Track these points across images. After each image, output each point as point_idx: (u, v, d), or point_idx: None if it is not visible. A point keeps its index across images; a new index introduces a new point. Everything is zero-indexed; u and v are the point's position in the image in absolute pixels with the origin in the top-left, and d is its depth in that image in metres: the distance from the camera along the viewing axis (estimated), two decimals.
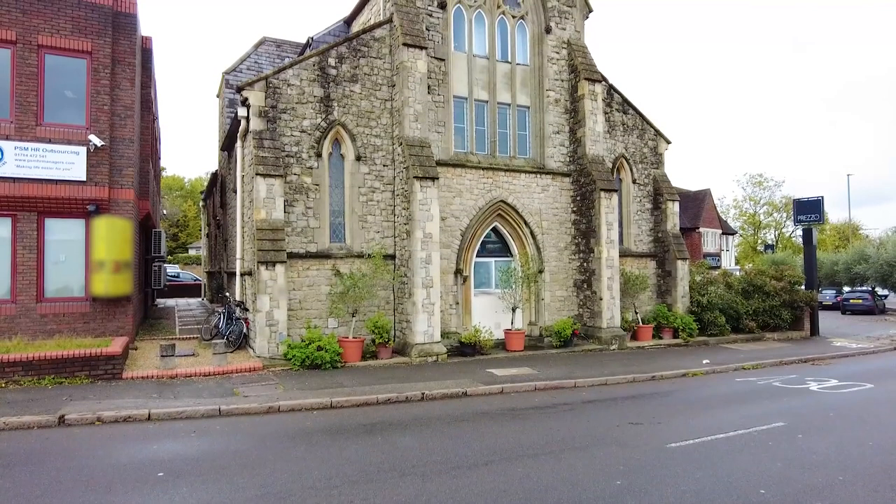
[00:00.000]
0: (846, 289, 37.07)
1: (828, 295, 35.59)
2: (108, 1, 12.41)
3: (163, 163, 33.09)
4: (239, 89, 13.29)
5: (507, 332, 15.23)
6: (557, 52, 17.00)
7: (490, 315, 15.82)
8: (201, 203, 34.29)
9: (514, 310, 15.62)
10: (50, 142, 11.73)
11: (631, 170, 18.61)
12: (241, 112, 13.21)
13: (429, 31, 14.97)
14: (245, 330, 13.77)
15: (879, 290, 35.76)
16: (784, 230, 64.65)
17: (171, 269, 34.03)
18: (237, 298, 14.56)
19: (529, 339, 15.84)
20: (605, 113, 17.96)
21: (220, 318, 14.49)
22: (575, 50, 16.96)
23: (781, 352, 16.21)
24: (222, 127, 23.04)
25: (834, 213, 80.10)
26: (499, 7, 16.39)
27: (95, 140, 11.95)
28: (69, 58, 12.11)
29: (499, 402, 9.88)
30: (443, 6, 15.20)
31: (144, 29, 21.31)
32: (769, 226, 66.38)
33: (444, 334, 14.40)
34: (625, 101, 18.70)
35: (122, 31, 12.71)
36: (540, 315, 16.46)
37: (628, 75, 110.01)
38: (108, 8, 12.40)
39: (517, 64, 16.69)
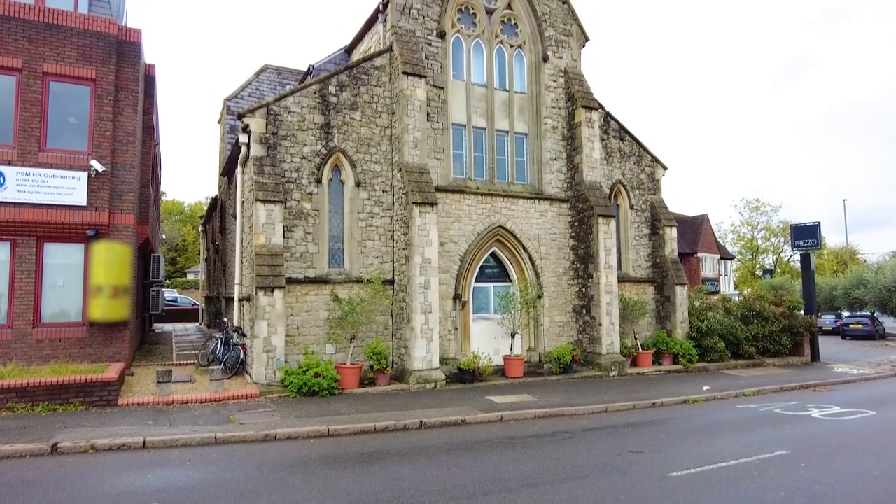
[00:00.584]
0: (846, 314, 37.01)
1: (827, 320, 35.52)
2: (113, 30, 12.64)
3: (163, 187, 33.26)
4: (240, 116, 13.45)
5: (506, 358, 15.13)
6: (555, 81, 17.27)
7: (489, 341, 15.74)
8: (201, 228, 34.38)
9: (513, 335, 15.54)
10: (52, 167, 11.82)
11: (628, 196, 18.73)
12: (242, 138, 13.34)
13: (428, 59, 15.23)
14: (242, 356, 13.67)
15: (878, 315, 35.74)
16: (782, 255, 64.80)
17: (169, 293, 33.93)
18: (235, 324, 14.48)
19: (529, 365, 15.73)
20: (602, 140, 18.17)
21: (217, 344, 14.39)
22: (572, 78, 17.24)
23: (782, 378, 16.11)
24: (223, 152, 23.23)
25: (831, 238, 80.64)
26: (497, 36, 16.71)
27: (97, 165, 12.04)
28: (73, 85, 12.28)
29: (498, 430, 9.78)
30: (442, 35, 15.49)
31: (148, 56, 21.65)
32: (767, 250, 66.53)
33: (443, 360, 14.30)
34: (621, 127, 18.93)
35: (126, 59, 12.91)
36: (539, 341, 16.38)
37: (625, 102, 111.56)
38: (113, 37, 12.62)
39: (515, 92, 16.94)
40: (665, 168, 19.52)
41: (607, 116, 18.62)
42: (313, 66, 18.50)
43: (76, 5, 13.16)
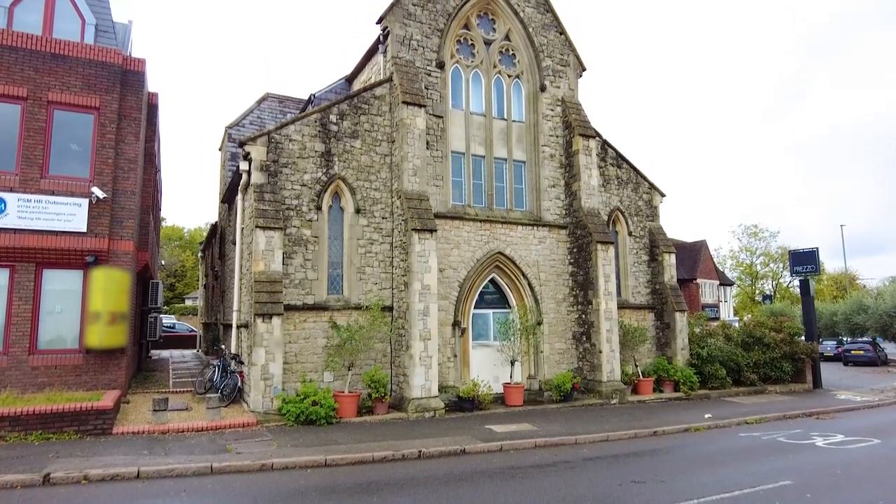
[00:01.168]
0: (847, 339, 36.83)
1: (828, 346, 35.32)
2: (118, 60, 12.85)
3: (163, 213, 33.41)
4: (241, 144, 13.58)
5: (506, 386, 14.99)
6: (552, 109, 17.51)
7: (489, 368, 15.61)
8: (200, 254, 34.41)
9: (512, 363, 15.42)
10: (53, 194, 11.88)
11: (626, 222, 18.82)
12: (243, 166, 13.46)
13: (427, 89, 15.46)
14: (240, 383, 13.55)
15: (880, 341, 35.55)
16: (782, 280, 64.80)
17: (167, 319, 33.76)
18: (233, 351, 14.39)
19: (529, 392, 15.58)
20: (600, 167, 18.33)
21: (214, 371, 14.28)
22: (569, 107, 17.49)
23: (784, 405, 15.95)
24: (223, 179, 23.40)
25: (829, 264, 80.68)
26: (495, 67, 17.01)
27: (98, 192, 12.10)
28: (77, 113, 12.42)
29: (498, 459, 9.63)
30: (441, 66, 15.76)
31: (151, 85, 22.01)
32: (766, 276, 66.55)
33: (442, 388, 14.16)
34: (619, 155, 19.12)
35: (130, 88, 13.09)
36: (539, 368, 16.26)
37: (621, 130, 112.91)
38: (118, 66, 12.82)
39: (513, 121, 17.16)
40: (662, 195, 19.66)
41: (604, 144, 18.82)
42: (314, 94, 18.77)
43: (83, 36, 13.40)
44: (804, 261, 23.21)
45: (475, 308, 15.91)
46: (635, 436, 11.68)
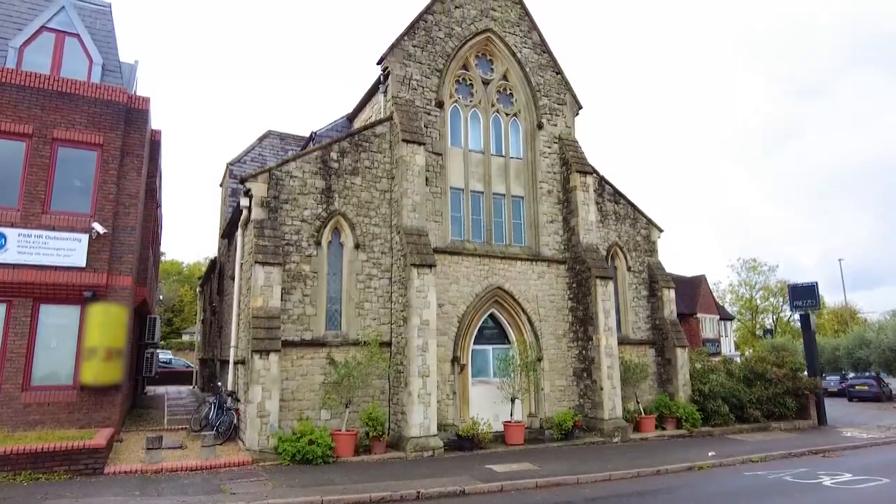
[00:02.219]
0: (850, 374, 36.48)
1: (832, 381, 34.93)
2: (123, 98, 13.11)
3: (162, 248, 33.47)
4: (242, 180, 13.72)
5: (506, 424, 14.74)
6: (549, 147, 17.77)
7: (488, 406, 15.38)
8: (198, 289, 34.32)
9: (513, 400, 15.19)
10: (54, 229, 11.94)
11: (625, 257, 18.86)
12: (244, 202, 13.55)
13: (427, 128, 15.72)
14: (236, 421, 13.33)
15: (884, 376, 35.19)
16: (782, 314, 64.58)
17: (164, 355, 33.40)
18: (229, 388, 14.19)
19: (530, 431, 15.31)
20: (598, 203, 18.49)
21: (210, 409, 14.07)
22: (566, 144, 17.75)
23: (789, 443, 15.68)
24: (223, 215, 23.53)
25: (829, 297, 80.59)
26: (493, 106, 17.34)
27: (98, 228, 12.17)
28: (81, 150, 12.59)
29: (499, 500, 9.42)
30: (440, 105, 16.07)
31: (154, 122, 22.37)
32: (766, 310, 66.36)
33: (441, 426, 13.93)
34: (616, 191, 19.31)
35: (134, 126, 13.32)
36: (540, 405, 16.03)
37: (618, 166, 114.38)
38: (122, 105, 13.07)
39: (511, 157, 17.40)
40: (660, 230, 19.77)
41: (602, 181, 19.02)
42: (316, 132, 19.06)
43: (90, 75, 13.69)
44: (803, 295, 23.19)
45: (474, 344, 15.78)
46: (638, 475, 11.45)
